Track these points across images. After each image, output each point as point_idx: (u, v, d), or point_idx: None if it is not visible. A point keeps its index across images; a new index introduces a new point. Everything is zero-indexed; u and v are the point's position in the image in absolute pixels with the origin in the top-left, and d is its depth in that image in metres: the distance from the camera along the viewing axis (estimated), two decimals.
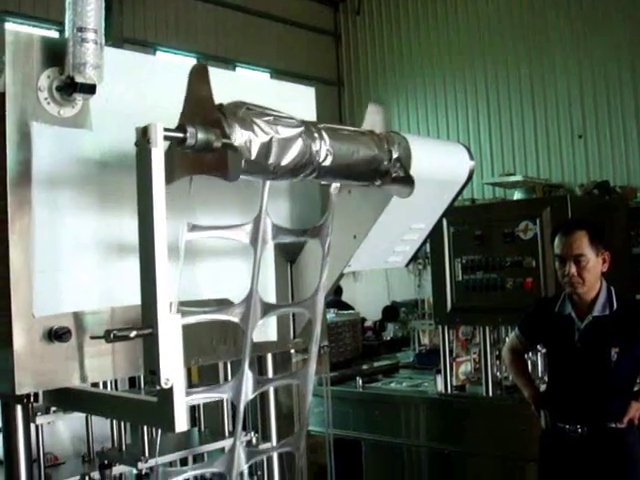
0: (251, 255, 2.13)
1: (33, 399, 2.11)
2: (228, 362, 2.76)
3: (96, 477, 2.65)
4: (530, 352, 5.00)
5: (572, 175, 11.69)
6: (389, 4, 14.12)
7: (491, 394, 5.42)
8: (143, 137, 1.73)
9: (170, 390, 1.74)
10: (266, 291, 2.44)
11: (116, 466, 2.67)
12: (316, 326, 2.18)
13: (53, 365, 2.05)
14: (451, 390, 5.64)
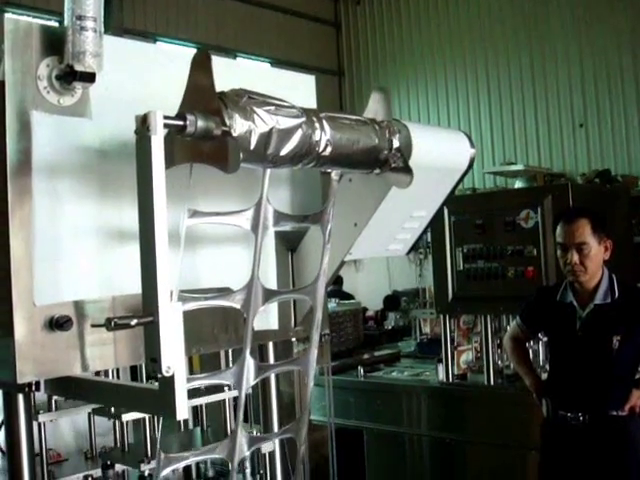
0: (252, 243, 2.13)
1: (34, 388, 2.12)
2: (229, 351, 2.76)
3: (98, 474, 2.66)
4: (531, 341, 5.00)
5: (573, 164, 11.66)
6: None
7: (492, 383, 5.42)
8: (143, 125, 1.73)
9: (171, 378, 1.74)
10: (267, 279, 2.44)
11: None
12: (317, 312, 2.19)
13: (54, 354, 2.06)
14: (452, 379, 5.63)
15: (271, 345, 2.80)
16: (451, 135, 2.66)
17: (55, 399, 2.64)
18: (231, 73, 2.27)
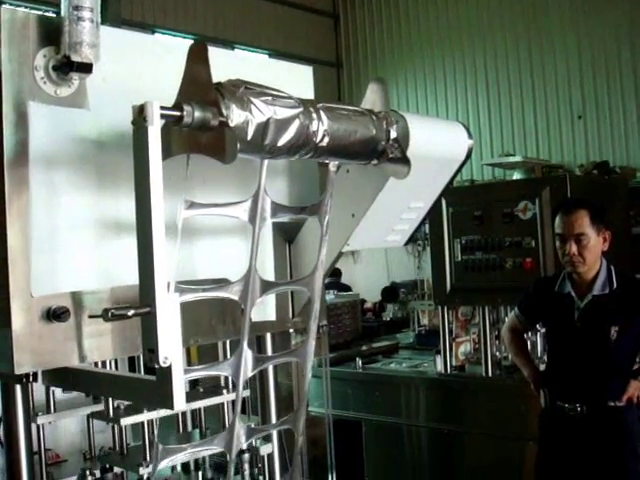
0: (249, 235, 2.13)
1: (32, 379, 2.12)
2: (227, 343, 2.76)
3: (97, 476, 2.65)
4: (529, 332, 5.00)
5: (572, 156, 11.66)
6: None
7: (490, 374, 5.42)
8: (140, 115, 1.72)
9: (169, 369, 1.74)
10: (265, 271, 2.44)
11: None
12: (315, 303, 2.18)
13: (52, 345, 2.06)
14: (451, 370, 5.64)
15: (269, 336, 2.80)
16: (449, 126, 2.66)
17: (54, 400, 2.63)
18: (228, 64, 2.27)
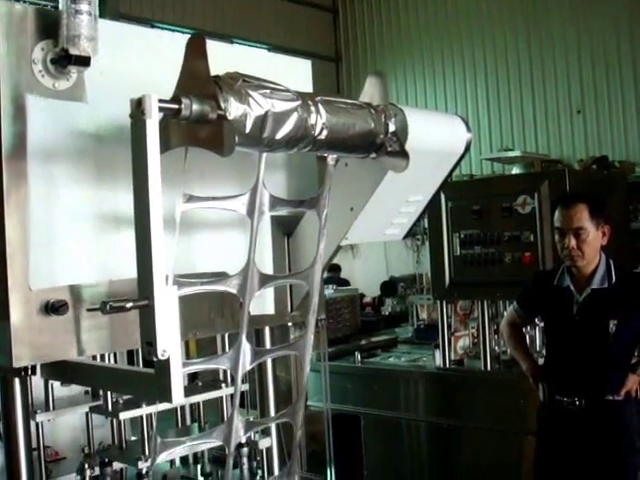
0: (248, 228, 2.13)
1: (31, 372, 2.12)
2: (226, 336, 2.76)
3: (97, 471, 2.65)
4: (528, 326, 5.01)
5: (571, 150, 11.64)
6: None
7: (489, 368, 5.43)
8: (138, 108, 1.72)
9: (167, 361, 1.74)
10: (263, 264, 2.44)
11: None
12: (313, 297, 2.19)
13: (50, 338, 2.06)
14: (449, 364, 5.65)
15: (267, 330, 2.81)
16: (447, 119, 2.66)
17: (53, 397, 2.64)
18: (226, 57, 2.26)
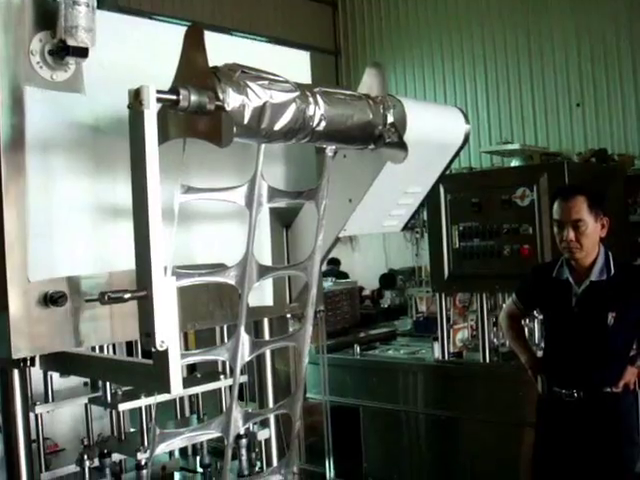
0: (246, 220, 2.13)
1: (30, 363, 2.13)
2: (225, 328, 2.76)
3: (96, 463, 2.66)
4: (527, 318, 5.01)
5: (570, 143, 11.62)
6: None
7: (488, 361, 5.44)
8: (136, 99, 1.72)
9: (165, 352, 1.74)
10: (262, 256, 2.44)
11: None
12: (312, 288, 2.19)
13: (49, 329, 2.06)
14: (448, 357, 5.65)
15: (266, 322, 2.81)
16: (446, 111, 2.66)
17: (52, 389, 2.64)
18: (224, 49, 2.26)
